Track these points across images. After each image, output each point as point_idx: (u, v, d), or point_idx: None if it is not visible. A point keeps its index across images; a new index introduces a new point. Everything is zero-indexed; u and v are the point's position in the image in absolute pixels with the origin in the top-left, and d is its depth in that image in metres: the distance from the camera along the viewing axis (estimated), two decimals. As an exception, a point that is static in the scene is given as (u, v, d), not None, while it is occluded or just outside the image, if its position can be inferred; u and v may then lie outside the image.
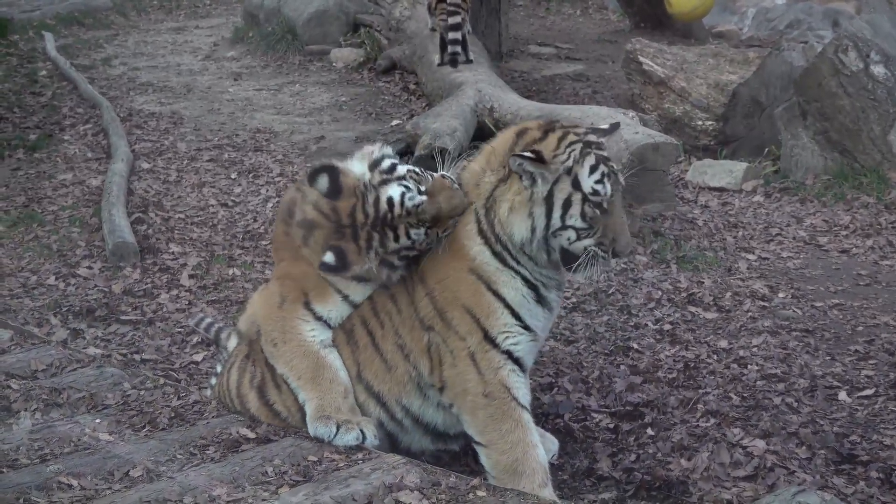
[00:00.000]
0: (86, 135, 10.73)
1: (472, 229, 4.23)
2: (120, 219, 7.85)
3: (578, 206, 4.11)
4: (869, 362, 5.73)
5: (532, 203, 4.13)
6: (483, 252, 4.22)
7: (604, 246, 4.14)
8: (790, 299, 6.71)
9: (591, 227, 4.12)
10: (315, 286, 4.40)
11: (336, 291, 4.39)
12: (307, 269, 4.39)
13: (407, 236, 4.17)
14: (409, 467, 3.98)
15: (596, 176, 4.12)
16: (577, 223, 4.11)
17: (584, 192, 4.10)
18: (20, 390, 4.74)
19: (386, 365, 4.38)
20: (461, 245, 4.24)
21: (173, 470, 3.99)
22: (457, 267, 4.23)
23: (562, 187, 4.11)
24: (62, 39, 15.42)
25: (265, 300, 4.60)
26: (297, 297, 4.42)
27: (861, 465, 4.62)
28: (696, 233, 7.85)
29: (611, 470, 4.69)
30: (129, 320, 6.54)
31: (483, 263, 4.22)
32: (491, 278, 4.22)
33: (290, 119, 11.46)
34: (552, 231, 4.14)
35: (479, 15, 12.73)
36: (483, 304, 4.20)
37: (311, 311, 4.40)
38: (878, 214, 8.18)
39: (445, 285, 4.23)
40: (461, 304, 4.21)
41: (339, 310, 4.43)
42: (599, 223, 4.12)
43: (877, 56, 8.81)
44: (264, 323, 4.51)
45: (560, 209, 4.11)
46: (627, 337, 6.10)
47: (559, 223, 4.12)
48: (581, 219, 4.11)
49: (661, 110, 10.49)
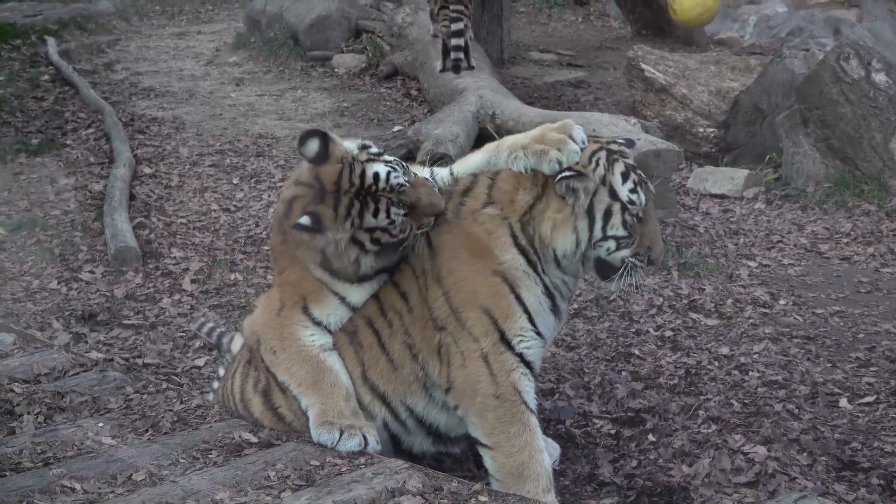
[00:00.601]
0: (88, 139, 10.74)
1: (507, 242, 4.27)
2: (122, 223, 7.86)
3: (619, 215, 4.20)
4: (870, 369, 5.74)
5: (575, 217, 4.20)
6: (517, 258, 4.26)
7: (640, 256, 4.24)
8: (791, 306, 6.72)
9: (631, 237, 4.21)
10: (312, 290, 4.40)
11: (333, 294, 4.40)
12: (304, 273, 4.41)
13: (387, 214, 4.18)
14: (412, 472, 3.98)
15: (629, 184, 4.22)
16: (619, 232, 4.20)
17: (622, 202, 4.20)
18: (23, 394, 4.74)
19: (392, 365, 4.39)
20: (489, 251, 4.26)
21: (176, 474, 3.99)
22: (480, 268, 4.25)
23: (600, 198, 4.20)
24: (64, 44, 15.42)
25: (265, 307, 4.61)
26: (296, 303, 4.42)
27: (862, 472, 4.63)
28: (698, 239, 7.86)
29: (612, 476, 4.70)
30: (131, 324, 6.55)
31: (513, 268, 4.25)
32: (517, 281, 4.25)
33: (291, 124, 11.47)
34: (594, 243, 4.22)
35: (482, 21, 12.76)
36: (504, 305, 4.23)
37: (309, 315, 4.41)
38: (880, 222, 8.19)
39: (463, 286, 4.25)
40: (479, 304, 4.22)
41: (338, 313, 4.43)
42: (637, 232, 4.21)
43: (878, 64, 8.82)
44: (263, 331, 4.51)
45: (601, 220, 4.20)
46: (629, 343, 6.11)
47: (601, 234, 4.20)
48: (623, 228, 4.20)
49: (662, 117, 10.51)
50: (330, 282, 4.39)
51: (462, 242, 4.31)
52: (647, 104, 10.83)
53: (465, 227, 4.32)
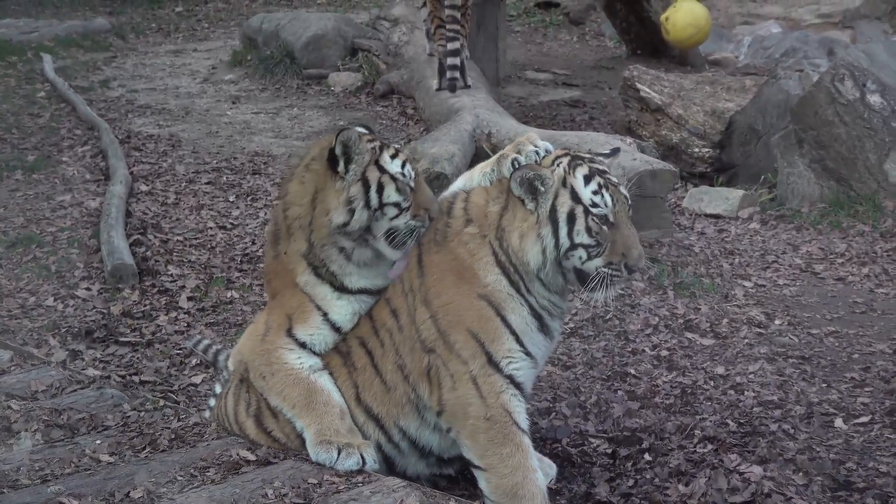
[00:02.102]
0: (84, 156, 10.75)
1: (490, 261, 4.27)
2: (118, 240, 7.86)
3: (583, 220, 4.13)
4: (865, 389, 5.75)
5: (539, 225, 4.17)
6: (500, 280, 4.26)
7: (614, 265, 4.14)
8: (786, 326, 6.73)
9: (600, 245, 4.14)
10: (297, 305, 4.44)
11: (316, 308, 4.42)
12: (292, 290, 4.45)
13: (389, 194, 4.31)
14: (409, 490, 3.99)
15: (592, 186, 4.15)
16: (585, 239, 4.13)
17: (585, 204, 4.13)
18: (20, 411, 4.75)
19: (385, 386, 4.41)
20: (473, 273, 4.27)
21: (174, 491, 4.00)
22: (464, 292, 4.26)
23: (562, 201, 4.16)
24: (60, 61, 15.43)
25: (248, 334, 4.66)
26: (281, 325, 4.45)
27: (857, 492, 4.63)
28: (693, 259, 7.88)
29: (609, 495, 4.70)
30: (127, 342, 6.55)
31: (496, 291, 4.25)
32: (501, 304, 4.25)
33: (288, 142, 11.49)
34: (563, 252, 4.17)
35: (477, 41, 12.79)
36: (490, 328, 4.23)
37: (293, 338, 4.43)
38: (874, 243, 8.22)
39: (450, 309, 4.26)
40: (466, 327, 4.23)
41: (322, 334, 4.45)
42: (607, 239, 4.14)
43: (873, 85, 8.86)
44: (250, 358, 4.54)
45: (566, 225, 4.14)
46: (625, 362, 6.12)
47: (567, 241, 4.15)
48: (587, 234, 4.13)
49: (658, 137, 10.54)
50: (313, 291, 4.42)
51: (448, 265, 4.33)
52: (642, 124, 10.86)
53: (452, 248, 4.34)
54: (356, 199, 4.31)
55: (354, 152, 4.34)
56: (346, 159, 4.33)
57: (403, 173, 4.36)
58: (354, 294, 4.46)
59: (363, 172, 4.33)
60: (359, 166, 4.34)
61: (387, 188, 4.32)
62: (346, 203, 4.31)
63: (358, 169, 4.33)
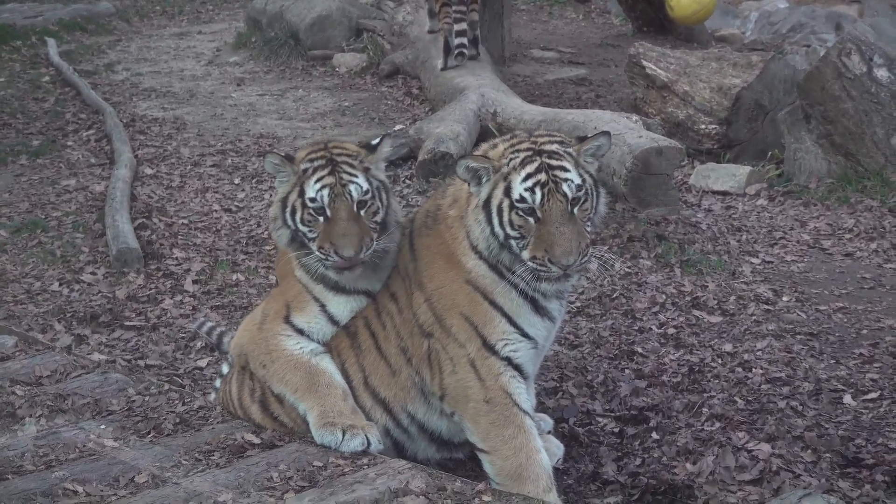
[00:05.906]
0: (89, 140, 10.74)
1: (467, 245, 4.25)
2: (123, 224, 7.85)
3: (507, 213, 4.09)
4: (873, 365, 5.73)
5: (478, 210, 4.16)
6: (479, 265, 4.24)
7: (538, 259, 4.05)
8: (794, 303, 6.70)
9: (523, 238, 4.09)
10: (295, 294, 4.45)
11: (314, 300, 4.42)
12: (293, 277, 4.48)
13: (297, 220, 4.30)
14: (415, 472, 3.98)
15: (527, 183, 4.08)
16: (510, 231, 4.10)
17: (512, 199, 4.08)
18: (25, 396, 4.75)
19: (390, 369, 4.40)
20: (457, 259, 4.26)
21: (179, 476, 3.99)
22: (453, 276, 4.25)
23: (496, 193, 4.13)
24: (65, 45, 15.41)
25: (246, 324, 4.67)
26: (279, 312, 4.46)
27: (866, 469, 4.61)
28: (700, 237, 7.84)
29: (616, 474, 4.69)
30: (132, 326, 6.54)
31: (479, 276, 4.23)
32: (487, 289, 4.23)
33: (293, 124, 11.46)
34: (500, 239, 4.13)
35: (483, 20, 12.70)
36: (480, 312, 4.22)
37: (290, 324, 4.43)
38: (882, 217, 8.17)
39: (443, 293, 4.26)
40: (459, 311, 4.23)
41: (319, 323, 4.45)
42: (531, 233, 4.08)
43: (880, 59, 8.80)
44: (249, 347, 4.54)
45: (496, 215, 4.12)
46: (632, 341, 6.10)
47: (500, 230, 4.12)
48: (510, 226, 4.10)
49: (664, 114, 10.48)
50: (309, 286, 4.43)
51: (437, 248, 4.33)
52: (648, 101, 10.81)
53: (440, 231, 4.35)
54: (277, 218, 4.38)
55: (279, 171, 4.41)
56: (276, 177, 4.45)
57: (314, 198, 4.30)
58: (352, 294, 4.44)
59: (287, 193, 4.36)
60: (281, 186, 4.41)
61: (298, 213, 4.33)
62: (272, 219, 4.43)
63: (280, 189, 4.40)
